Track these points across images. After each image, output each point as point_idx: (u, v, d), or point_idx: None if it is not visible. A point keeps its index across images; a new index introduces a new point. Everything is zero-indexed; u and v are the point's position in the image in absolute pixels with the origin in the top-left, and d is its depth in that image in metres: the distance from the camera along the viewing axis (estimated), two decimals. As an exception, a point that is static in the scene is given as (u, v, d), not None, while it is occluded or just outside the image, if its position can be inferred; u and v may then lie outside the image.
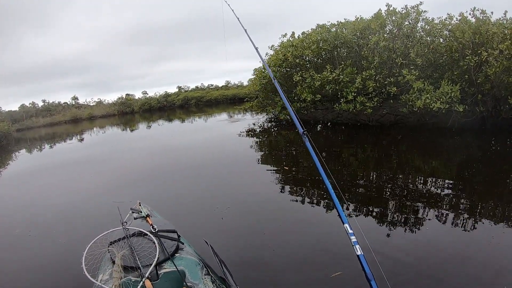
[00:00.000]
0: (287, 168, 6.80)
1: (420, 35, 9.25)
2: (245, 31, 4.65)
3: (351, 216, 4.18)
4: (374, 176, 6.01)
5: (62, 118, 37.17)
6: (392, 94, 8.63)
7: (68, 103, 43.08)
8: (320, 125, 12.67)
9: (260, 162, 7.72)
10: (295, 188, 5.57)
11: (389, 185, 5.40)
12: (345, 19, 11.53)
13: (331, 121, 12.19)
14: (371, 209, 4.39)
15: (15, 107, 41.42)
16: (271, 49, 13.89)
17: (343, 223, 1.86)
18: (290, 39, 12.73)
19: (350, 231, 1.81)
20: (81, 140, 19.41)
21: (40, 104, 41.87)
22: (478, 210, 4.05)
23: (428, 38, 8.91)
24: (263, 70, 14.10)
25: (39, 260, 4.06)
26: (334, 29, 11.02)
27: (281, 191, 5.47)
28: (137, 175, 7.96)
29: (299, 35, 12.72)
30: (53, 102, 42.44)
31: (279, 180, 6.11)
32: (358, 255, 1.68)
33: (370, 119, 10.19)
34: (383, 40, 8.91)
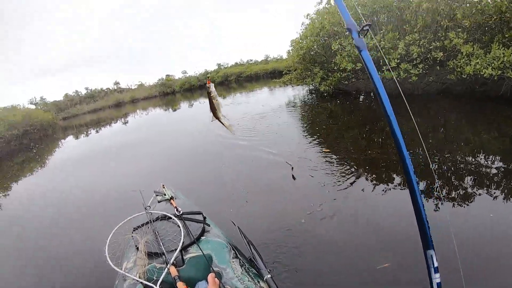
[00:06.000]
0: (328, 150, 6.39)
1: (466, -6, 8.48)
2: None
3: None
4: (420, 150, 5.64)
5: (106, 103, 39.47)
6: (438, 60, 8.14)
7: (110, 88, 45.44)
8: (362, 96, 12.36)
9: (299, 140, 7.49)
10: (337, 171, 5.17)
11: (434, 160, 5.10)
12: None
13: (373, 91, 11.79)
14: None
15: (59, 96, 44.46)
16: (307, 18, 13.55)
17: (428, 249, 1.49)
18: (326, 6, 12.32)
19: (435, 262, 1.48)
20: (125, 123, 20.52)
21: (83, 91, 44.59)
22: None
23: (475, -3, 8.17)
24: (300, 41, 13.88)
25: (63, 249, 4.22)
26: (373, -7, 10.49)
27: (322, 174, 5.13)
28: (172, 157, 8.35)
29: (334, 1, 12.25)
30: (95, 88, 44.97)
31: (320, 161, 5.78)
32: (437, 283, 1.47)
33: (415, 87, 9.73)
34: (426, 1, 8.32)
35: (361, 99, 12.05)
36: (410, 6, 8.90)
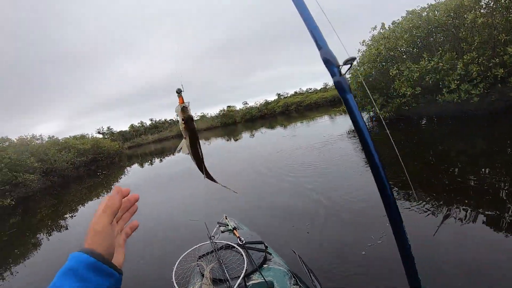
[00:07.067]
0: (390, 182, 6.08)
1: (521, 4, 8.05)
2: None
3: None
4: (486, 178, 5.28)
5: (169, 134, 42.38)
6: (499, 77, 7.80)
7: (174, 119, 48.80)
8: (424, 121, 11.99)
9: (359, 171, 7.25)
10: (403, 206, 4.86)
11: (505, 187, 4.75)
12: (435, 0, 10.80)
13: (435, 115, 11.43)
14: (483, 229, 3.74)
15: (125, 127, 48.70)
16: (363, 44, 13.73)
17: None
18: (381, 31, 12.45)
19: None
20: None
21: (148, 122, 48.41)
22: None
23: (531, 6, 7.73)
24: (357, 68, 14.00)
25: (129, 274, 4.46)
26: (425, 13, 10.43)
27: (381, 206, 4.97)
28: (231, 187, 8.58)
29: (389, 25, 12.37)
30: (159, 120, 48.56)
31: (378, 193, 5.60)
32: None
33: (477, 108, 9.31)
34: (481, 16, 8.13)
35: (423, 124, 11.70)
36: (465, 23, 8.73)
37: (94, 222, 0.69)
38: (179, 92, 1.14)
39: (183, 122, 1.11)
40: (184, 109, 1.12)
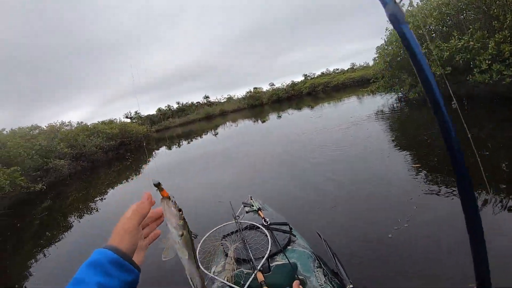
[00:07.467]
0: (418, 165, 5.88)
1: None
2: None
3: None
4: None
5: (196, 116, 43.26)
6: (533, 57, 7.44)
7: (201, 102, 49.40)
8: (453, 104, 11.59)
9: (387, 153, 7.16)
10: (424, 186, 4.89)
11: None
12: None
13: (465, 96, 11.05)
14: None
15: (152, 111, 49.67)
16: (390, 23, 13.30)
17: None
18: (409, 8, 12.00)
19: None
20: (216, 134, 22.10)
21: (175, 106, 49.22)
22: None
23: None
24: (385, 47, 13.66)
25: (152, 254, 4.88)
26: (456, -11, 9.96)
27: (412, 191, 4.84)
28: (257, 168, 8.93)
29: (417, 2, 11.91)
30: (186, 103, 49.22)
31: (407, 175, 5.51)
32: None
33: (510, 90, 8.92)
34: (513, -8, 7.68)
35: (453, 106, 11.32)
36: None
37: (123, 222, 0.78)
38: (157, 185, 0.85)
39: (181, 213, 0.88)
40: (175, 202, 0.88)
